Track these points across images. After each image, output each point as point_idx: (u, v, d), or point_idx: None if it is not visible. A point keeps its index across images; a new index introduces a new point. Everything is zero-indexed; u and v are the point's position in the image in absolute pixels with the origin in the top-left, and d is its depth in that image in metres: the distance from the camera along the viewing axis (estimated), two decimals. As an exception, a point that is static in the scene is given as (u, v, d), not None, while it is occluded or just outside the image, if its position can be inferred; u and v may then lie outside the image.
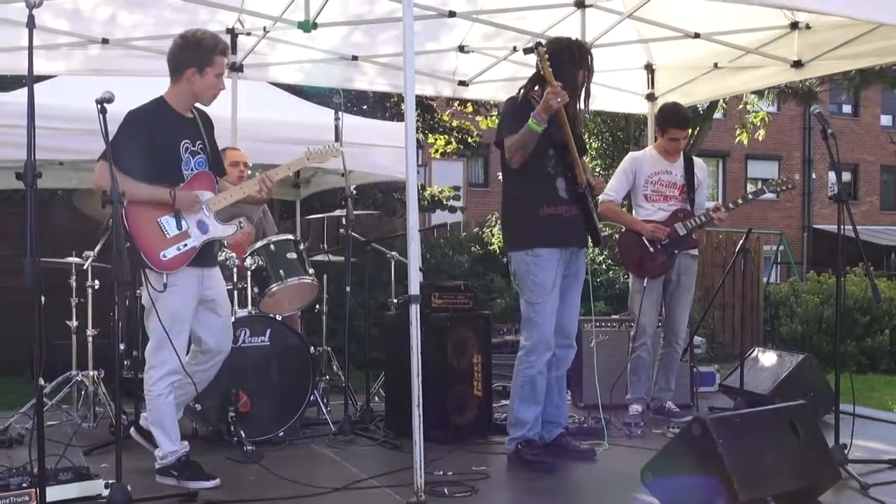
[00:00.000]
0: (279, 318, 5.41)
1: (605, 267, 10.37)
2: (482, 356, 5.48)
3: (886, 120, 29.65)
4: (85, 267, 5.53)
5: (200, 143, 4.36)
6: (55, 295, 4.26)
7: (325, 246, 7.12)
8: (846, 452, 4.36)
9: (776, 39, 6.49)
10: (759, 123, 14.37)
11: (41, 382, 3.46)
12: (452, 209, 14.04)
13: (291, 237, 5.77)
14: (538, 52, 4.37)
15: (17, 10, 5.55)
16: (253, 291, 5.43)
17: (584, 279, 4.84)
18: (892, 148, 25.33)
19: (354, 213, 5.70)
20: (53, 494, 3.62)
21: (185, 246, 4.21)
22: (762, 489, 3.44)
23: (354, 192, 5.66)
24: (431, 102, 13.79)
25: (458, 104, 14.14)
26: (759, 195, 6.33)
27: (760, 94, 13.52)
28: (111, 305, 3.90)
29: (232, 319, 4.71)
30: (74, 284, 5.63)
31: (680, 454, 3.62)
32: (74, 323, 5.66)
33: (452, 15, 6.24)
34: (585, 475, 4.60)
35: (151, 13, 6.33)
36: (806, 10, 5.74)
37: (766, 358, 6.25)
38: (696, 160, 6.22)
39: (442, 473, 4.38)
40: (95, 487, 3.86)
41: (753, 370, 6.12)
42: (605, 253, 10.16)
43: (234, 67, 6.73)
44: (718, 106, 14.06)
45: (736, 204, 6.13)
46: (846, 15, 5.10)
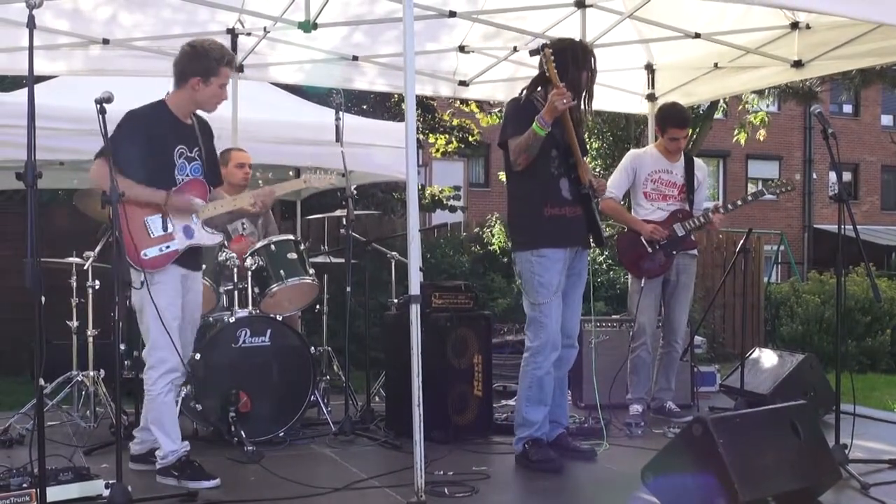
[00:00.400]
0: (280, 318, 5.40)
1: (605, 267, 10.37)
2: (482, 356, 5.48)
3: (887, 120, 29.64)
4: (85, 267, 5.53)
5: (197, 149, 4.38)
6: (55, 295, 4.26)
7: (325, 246, 7.12)
8: (847, 452, 4.36)
9: (776, 39, 6.48)
10: (758, 124, 14.37)
11: (41, 383, 3.46)
12: (453, 209, 14.05)
13: (292, 237, 5.78)
14: (544, 53, 4.37)
15: (17, 10, 5.55)
16: (253, 291, 5.43)
17: (586, 279, 4.84)
18: (892, 148, 25.34)
19: (355, 213, 5.70)
20: (54, 495, 3.62)
21: (167, 248, 4.23)
22: (763, 489, 3.44)
23: (355, 192, 5.65)
24: (432, 102, 13.80)
25: (458, 103, 14.13)
26: (758, 197, 6.31)
27: (761, 93, 13.52)
28: (111, 305, 3.90)
29: (199, 325, 4.70)
30: (75, 284, 5.62)
31: (680, 454, 3.62)
32: (75, 323, 5.66)
33: (453, 15, 6.23)
34: (586, 475, 4.60)
35: (152, 13, 6.33)
36: (806, 10, 5.74)
37: (766, 358, 6.25)
38: (696, 161, 6.22)
39: (442, 473, 4.38)
40: (96, 488, 3.86)
41: (754, 370, 6.12)
42: (605, 253, 10.14)
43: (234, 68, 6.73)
44: (719, 106, 14.06)
45: (735, 205, 6.13)
46: (846, 15, 5.10)
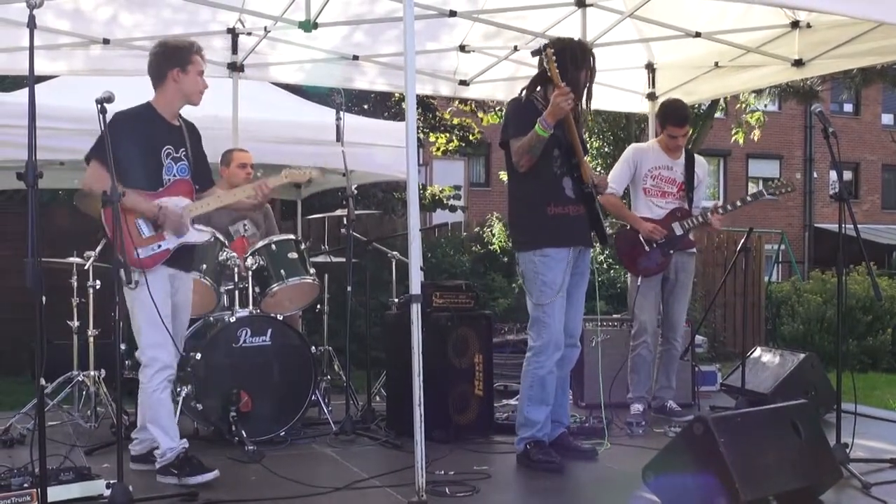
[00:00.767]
0: (280, 317, 5.40)
1: (605, 266, 10.36)
2: (483, 356, 5.48)
3: (887, 119, 29.61)
4: (86, 267, 5.53)
5: (184, 150, 4.41)
6: (56, 295, 4.26)
7: (326, 246, 7.12)
8: (848, 451, 4.35)
9: (777, 38, 6.48)
10: (754, 123, 14.38)
11: (42, 383, 3.46)
12: (453, 208, 14.03)
13: (293, 237, 5.78)
14: (546, 54, 4.36)
15: (17, 10, 5.55)
16: (254, 291, 5.43)
17: (588, 279, 4.84)
18: (893, 147, 25.33)
19: (355, 212, 5.70)
20: (55, 495, 3.62)
21: (159, 247, 4.27)
22: (764, 488, 3.44)
23: (356, 191, 5.66)
24: (432, 101, 13.79)
25: (458, 103, 14.12)
26: (758, 198, 6.29)
27: (759, 92, 13.52)
28: (112, 305, 3.90)
29: (187, 325, 4.71)
30: (75, 284, 5.63)
31: (681, 453, 3.62)
32: (76, 323, 5.67)
33: (453, 14, 6.23)
34: (587, 474, 4.60)
35: (152, 13, 6.33)
36: (806, 8, 5.74)
37: (767, 357, 6.25)
38: (697, 158, 6.21)
39: (443, 473, 4.38)
40: (97, 487, 3.87)
41: (755, 369, 6.12)
42: (605, 252, 10.14)
43: (234, 67, 6.74)
44: (719, 105, 14.06)
45: (734, 206, 6.12)
46: (846, 14, 5.10)
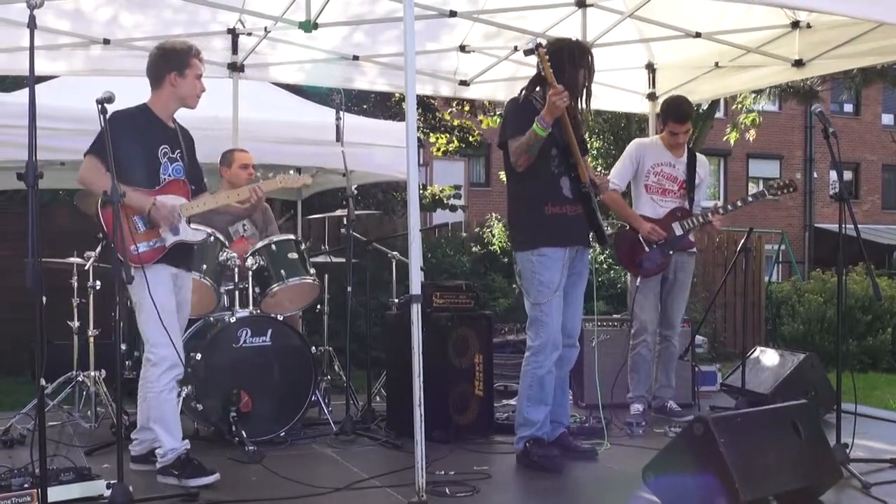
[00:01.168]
0: (281, 317, 5.40)
1: (605, 266, 10.36)
2: (483, 356, 5.48)
3: (888, 119, 29.61)
4: (86, 267, 5.54)
5: (179, 151, 4.43)
6: (56, 295, 4.26)
7: (326, 246, 7.12)
8: (848, 451, 4.35)
9: (777, 38, 6.48)
10: (749, 124, 14.41)
11: (42, 383, 3.46)
12: (453, 208, 14.02)
13: (293, 237, 5.78)
14: (538, 53, 4.36)
15: (18, 10, 5.55)
16: (254, 291, 5.43)
17: (587, 279, 4.84)
18: (893, 147, 25.31)
19: (355, 213, 5.70)
20: (55, 495, 3.62)
21: (154, 243, 4.27)
22: (764, 488, 3.44)
23: (356, 191, 5.66)
24: (432, 102, 13.79)
25: (455, 104, 14.12)
26: (759, 198, 6.28)
27: (759, 92, 13.52)
28: (112, 306, 3.90)
29: (186, 323, 4.71)
30: (76, 285, 5.63)
31: (681, 453, 3.62)
32: (76, 323, 5.67)
33: (453, 15, 6.24)
34: (587, 475, 4.60)
35: (153, 14, 6.34)
36: (807, 9, 5.74)
37: (767, 357, 6.25)
38: (700, 158, 6.18)
39: (443, 473, 4.38)
40: (97, 488, 3.87)
41: (755, 369, 6.12)
42: (605, 252, 10.14)
43: (235, 67, 6.74)
44: (719, 105, 14.07)
45: (735, 206, 6.12)
46: (847, 14, 5.10)
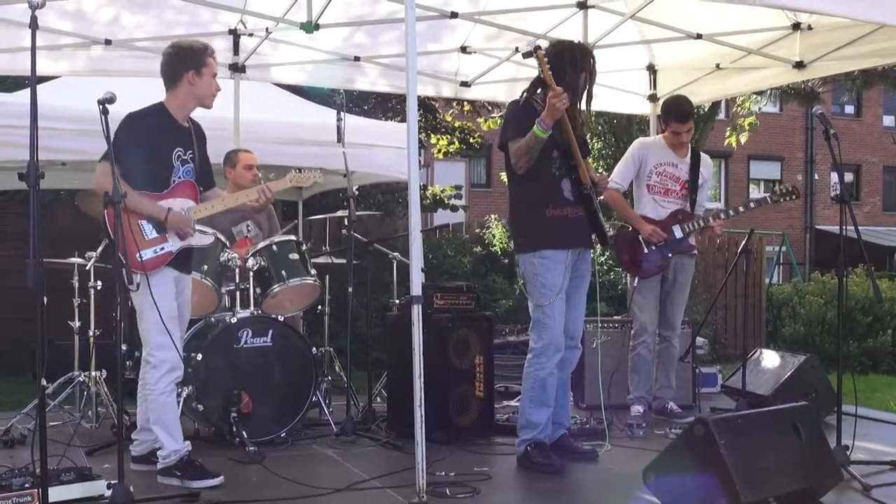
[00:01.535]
0: (281, 318, 5.41)
1: (606, 268, 10.36)
2: (484, 357, 5.48)
3: (889, 120, 29.61)
4: (87, 268, 5.54)
5: (191, 153, 4.42)
6: (57, 295, 4.26)
7: (327, 247, 7.12)
8: (848, 453, 4.35)
9: (778, 40, 6.48)
10: (746, 127, 14.42)
11: (43, 383, 3.47)
12: (454, 208, 14.02)
13: (294, 238, 5.78)
14: (537, 55, 4.36)
15: (19, 10, 5.54)
16: (255, 292, 5.43)
17: (589, 280, 4.84)
18: (894, 149, 25.32)
19: (356, 213, 5.70)
20: (56, 495, 3.62)
21: (161, 249, 4.27)
22: (764, 490, 3.44)
23: (357, 192, 5.66)
24: (433, 103, 13.79)
25: (456, 104, 14.12)
26: (761, 204, 6.26)
27: (760, 94, 13.53)
28: (113, 306, 3.91)
29: (187, 325, 4.71)
30: (77, 285, 5.64)
31: (682, 455, 3.62)
32: (77, 323, 5.68)
33: (454, 16, 6.24)
34: (587, 476, 4.60)
35: (154, 14, 6.34)
36: (807, 10, 5.74)
37: (768, 359, 6.24)
38: (703, 157, 6.15)
39: (444, 474, 4.38)
40: (98, 488, 3.87)
41: (755, 371, 6.12)
42: (606, 254, 10.13)
43: (236, 68, 6.75)
44: (720, 107, 14.08)
45: (737, 211, 6.11)
46: (847, 16, 5.10)
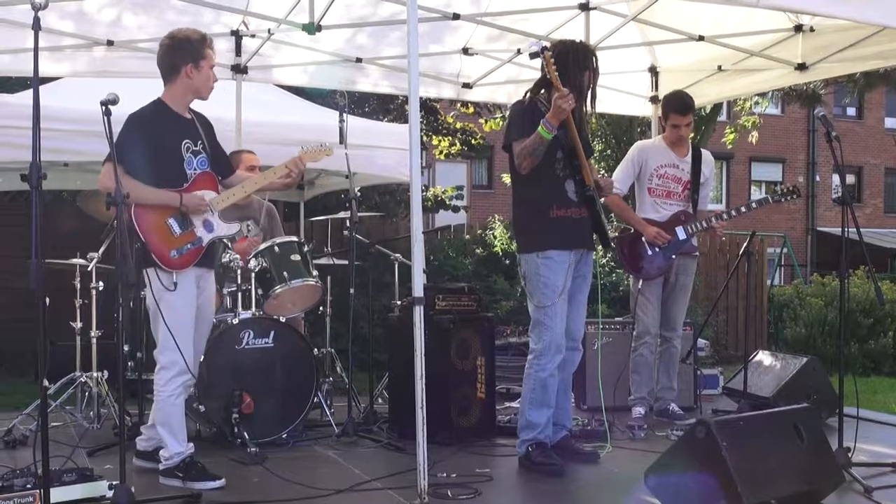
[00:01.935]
0: (283, 319, 5.41)
1: (608, 269, 10.35)
2: (486, 358, 5.47)
3: (891, 122, 29.58)
4: (89, 268, 5.54)
5: (201, 142, 4.40)
6: (59, 296, 4.27)
7: (328, 248, 7.13)
8: (850, 455, 4.35)
9: (780, 42, 6.49)
10: (749, 127, 14.43)
11: (45, 383, 3.47)
12: (456, 209, 14.01)
13: (295, 239, 5.77)
14: (544, 56, 4.36)
15: (22, 11, 5.57)
16: (257, 293, 5.43)
17: (591, 282, 4.84)
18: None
19: (358, 215, 5.70)
20: (57, 496, 3.63)
21: (192, 245, 4.27)
22: (766, 492, 3.43)
23: (359, 193, 5.66)
24: (435, 104, 13.80)
25: (460, 105, 14.13)
26: (762, 204, 6.26)
27: (762, 96, 13.54)
28: (115, 307, 3.91)
29: (213, 322, 4.74)
30: (79, 286, 5.64)
31: (683, 457, 3.61)
32: (79, 324, 5.68)
33: (456, 17, 6.25)
34: (589, 477, 4.59)
35: (156, 15, 6.35)
36: (810, 12, 5.75)
37: (769, 361, 6.25)
38: (704, 154, 6.14)
39: (445, 475, 4.38)
40: (99, 489, 3.87)
41: (757, 373, 6.12)
42: (608, 255, 10.13)
43: (238, 69, 6.75)
44: (722, 108, 14.10)
45: (739, 212, 6.11)
46: (849, 18, 5.09)
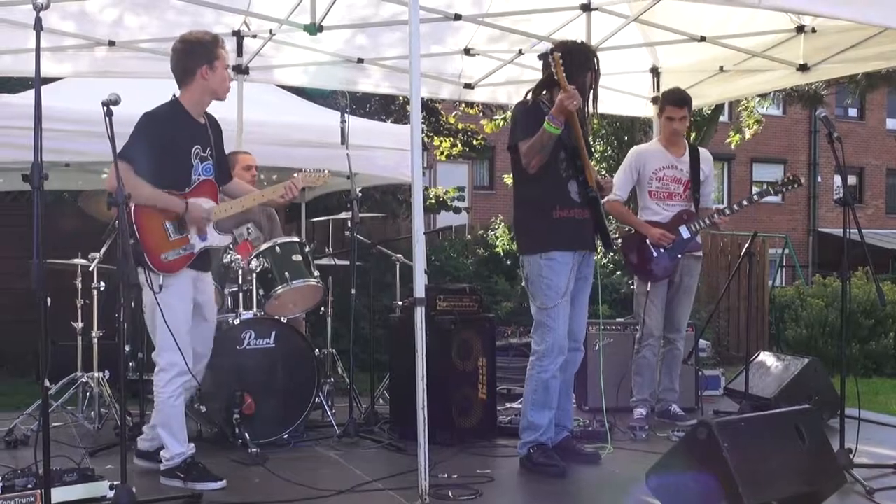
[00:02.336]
0: (284, 320, 5.41)
1: (609, 270, 10.36)
2: (487, 359, 5.47)
3: (892, 123, 29.55)
4: (90, 269, 5.54)
5: (210, 149, 4.41)
6: (61, 296, 4.27)
7: (329, 248, 7.13)
8: (851, 457, 4.35)
9: (782, 43, 6.48)
10: (752, 125, 14.43)
11: (46, 384, 3.47)
12: (457, 210, 14.01)
13: (297, 239, 5.77)
14: (553, 57, 4.36)
15: (23, 12, 5.57)
16: (258, 293, 5.43)
17: (591, 283, 4.84)
18: (898, 151, 25.31)
19: (359, 215, 5.71)
20: (58, 496, 3.63)
21: (184, 250, 4.28)
22: (767, 493, 3.43)
23: (360, 194, 5.66)
24: (437, 105, 13.80)
25: (463, 106, 14.14)
26: (763, 196, 6.26)
27: (763, 97, 13.54)
28: (117, 307, 3.92)
29: (216, 324, 4.73)
30: (80, 286, 5.64)
31: (685, 458, 3.61)
32: (80, 324, 5.68)
33: (458, 18, 6.24)
34: (590, 478, 4.59)
35: (157, 15, 6.35)
36: (811, 13, 5.75)
37: (771, 362, 6.24)
38: (702, 152, 6.15)
39: (446, 476, 4.38)
40: (100, 489, 3.87)
41: (758, 374, 6.12)
42: (609, 256, 10.13)
43: (239, 70, 6.75)
44: (724, 109, 14.12)
45: (741, 205, 6.08)
46: (851, 19, 5.09)
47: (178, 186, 4.27)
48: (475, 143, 14.84)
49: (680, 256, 5.91)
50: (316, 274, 5.66)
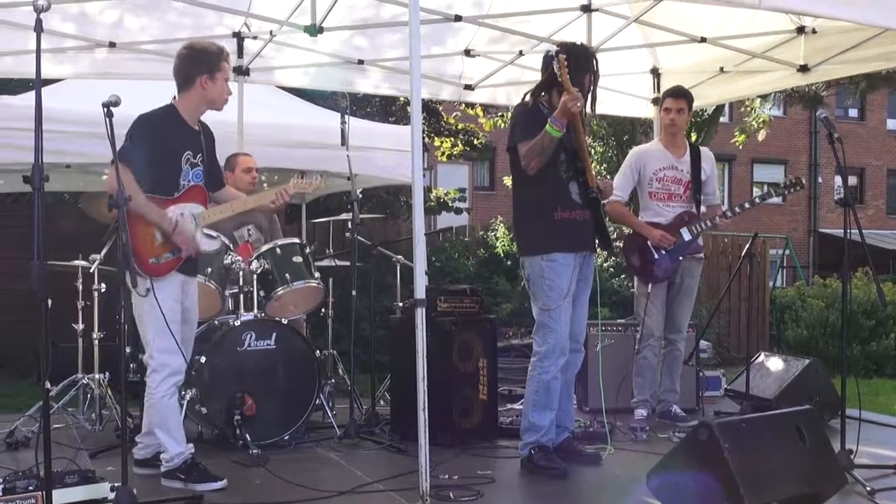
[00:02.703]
0: (285, 321, 5.41)
1: (608, 274, 10.35)
2: (488, 360, 5.47)
3: (893, 124, 29.53)
4: (91, 270, 5.54)
5: (201, 156, 4.42)
6: (61, 298, 4.27)
7: (330, 250, 7.13)
8: (852, 457, 4.34)
9: (782, 44, 6.48)
10: (760, 125, 14.42)
11: (47, 385, 3.47)
12: (458, 210, 14.00)
13: (297, 241, 5.78)
14: (558, 59, 4.36)
15: (24, 13, 5.57)
16: (259, 295, 5.43)
17: (591, 284, 4.84)
18: (898, 152, 25.30)
19: (360, 216, 5.71)
20: (59, 497, 3.62)
21: (171, 255, 4.28)
22: (768, 494, 3.43)
23: (360, 195, 5.66)
24: (437, 106, 13.81)
25: (464, 106, 14.13)
26: (765, 199, 6.27)
27: (764, 97, 13.54)
28: (117, 308, 3.92)
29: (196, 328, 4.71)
30: (81, 287, 5.64)
31: (685, 459, 3.61)
32: (81, 326, 5.68)
33: (458, 19, 6.24)
34: (591, 479, 4.59)
35: (158, 17, 6.36)
36: (811, 14, 5.75)
37: (771, 362, 6.24)
38: (703, 151, 6.14)
39: (447, 477, 4.38)
40: (101, 490, 3.87)
41: (759, 375, 6.12)
42: (610, 258, 10.13)
43: (240, 71, 6.75)
44: (724, 110, 14.12)
45: (742, 208, 6.09)
46: (852, 20, 5.09)
47: (167, 190, 4.27)
48: (476, 142, 14.84)
49: (681, 259, 5.91)
50: (316, 275, 5.66)
